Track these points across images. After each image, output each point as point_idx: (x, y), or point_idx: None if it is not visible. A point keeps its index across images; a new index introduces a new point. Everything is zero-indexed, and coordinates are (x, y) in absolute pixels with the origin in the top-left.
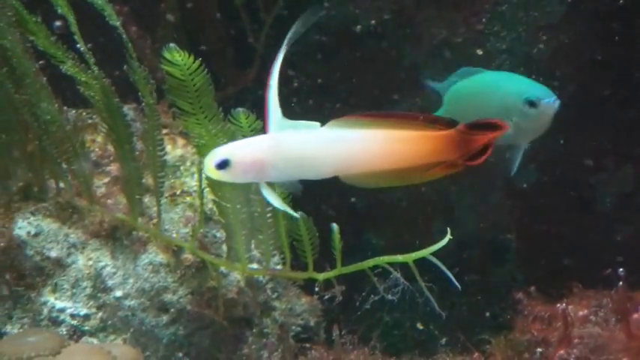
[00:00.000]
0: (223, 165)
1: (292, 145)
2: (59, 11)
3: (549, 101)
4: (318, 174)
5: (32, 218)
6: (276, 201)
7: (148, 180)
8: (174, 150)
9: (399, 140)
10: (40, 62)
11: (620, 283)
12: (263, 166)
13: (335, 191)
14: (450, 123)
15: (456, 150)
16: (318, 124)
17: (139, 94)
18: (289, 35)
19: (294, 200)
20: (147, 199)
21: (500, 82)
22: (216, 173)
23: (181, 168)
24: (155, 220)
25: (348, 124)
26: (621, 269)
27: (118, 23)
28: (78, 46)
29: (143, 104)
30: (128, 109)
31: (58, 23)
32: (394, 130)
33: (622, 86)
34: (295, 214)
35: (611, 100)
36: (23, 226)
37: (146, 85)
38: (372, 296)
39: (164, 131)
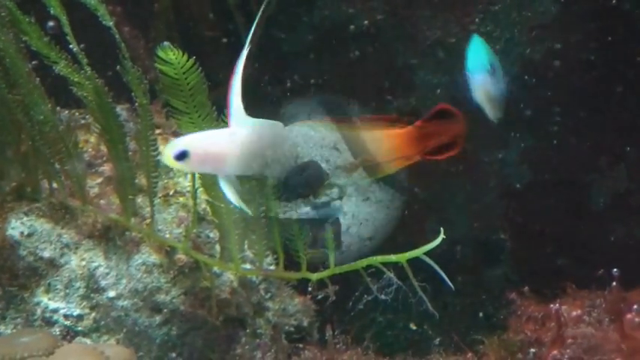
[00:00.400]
0: (182, 156)
1: (251, 140)
2: (52, 12)
3: (478, 75)
4: (277, 171)
5: (25, 218)
6: (232, 196)
7: (141, 180)
8: None
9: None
10: (34, 62)
11: (614, 283)
12: (221, 158)
13: None
14: (411, 121)
15: (416, 145)
16: (280, 123)
17: (132, 94)
18: (252, 32)
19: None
20: (140, 200)
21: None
22: (174, 163)
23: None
24: (148, 221)
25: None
26: (615, 269)
27: (111, 23)
28: (71, 46)
29: (136, 104)
30: (121, 110)
31: (51, 23)
32: (352, 131)
33: (616, 86)
34: (250, 212)
35: (605, 100)
36: (16, 227)
37: (139, 85)
38: (366, 296)
39: (157, 131)
